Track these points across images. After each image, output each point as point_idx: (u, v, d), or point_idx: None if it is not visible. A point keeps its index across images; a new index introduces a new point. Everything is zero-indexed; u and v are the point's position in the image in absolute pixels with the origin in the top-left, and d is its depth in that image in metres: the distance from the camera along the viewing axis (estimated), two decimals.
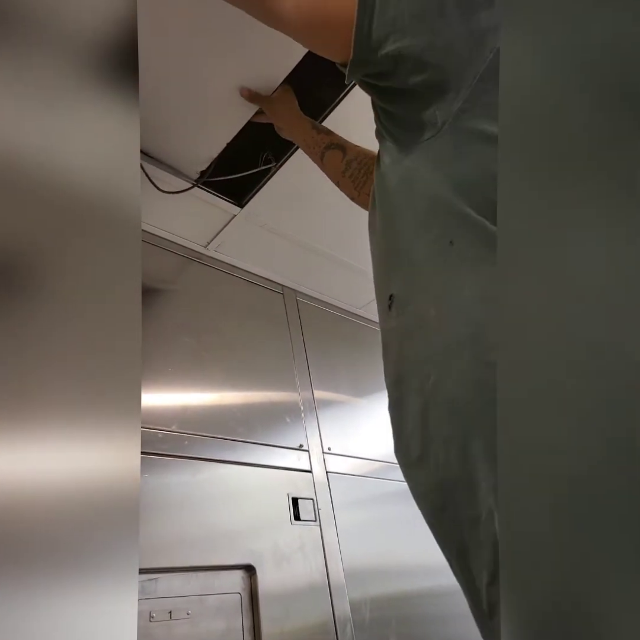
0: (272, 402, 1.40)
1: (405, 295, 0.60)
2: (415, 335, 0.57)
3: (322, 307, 1.81)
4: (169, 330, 1.27)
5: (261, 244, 1.53)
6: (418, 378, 0.56)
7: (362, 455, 1.53)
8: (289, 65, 1.06)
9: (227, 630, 0.97)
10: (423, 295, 0.57)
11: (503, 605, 0.27)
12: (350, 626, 1.17)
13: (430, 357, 0.55)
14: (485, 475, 0.47)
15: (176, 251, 1.43)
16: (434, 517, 0.55)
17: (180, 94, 1.09)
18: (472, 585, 0.50)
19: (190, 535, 1.01)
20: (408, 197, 0.61)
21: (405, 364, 0.59)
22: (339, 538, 1.27)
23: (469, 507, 0.49)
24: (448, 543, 0.54)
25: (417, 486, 0.58)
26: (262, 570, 1.07)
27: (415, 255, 0.59)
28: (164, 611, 0.90)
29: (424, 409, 0.55)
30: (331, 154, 0.98)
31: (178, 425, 1.14)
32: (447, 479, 0.52)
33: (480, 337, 0.50)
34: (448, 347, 0.53)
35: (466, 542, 0.50)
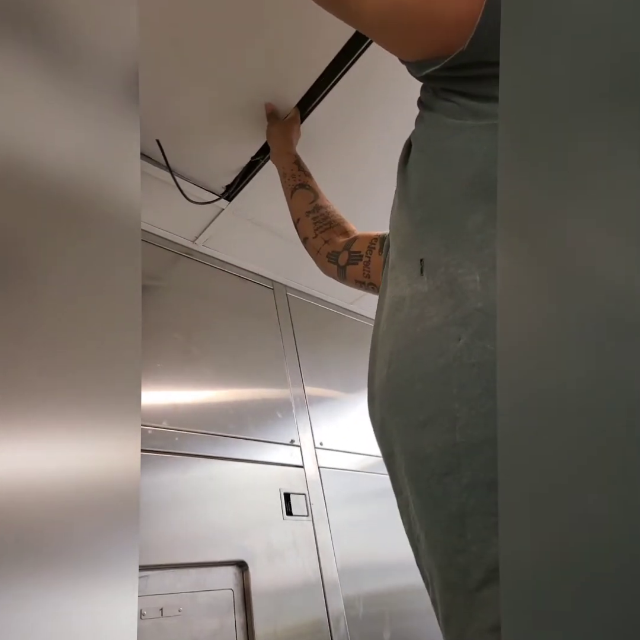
0: (263, 398, 1.39)
1: (439, 260, 0.60)
2: (446, 298, 0.57)
3: (313, 302, 1.80)
4: (158, 326, 1.25)
5: (250, 238, 1.52)
6: (441, 340, 0.56)
7: (354, 450, 1.53)
8: (300, 92, 1.14)
9: (219, 627, 0.96)
10: (465, 262, 0.57)
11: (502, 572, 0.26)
12: (344, 622, 1.16)
13: (464, 318, 0.54)
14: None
15: (163, 246, 1.41)
16: (429, 482, 0.54)
17: (207, 113, 1.16)
18: (457, 556, 0.49)
19: (181, 531, 1.00)
20: (464, 170, 0.62)
21: (426, 327, 0.58)
22: (331, 533, 1.27)
23: (490, 470, 0.48)
24: (437, 510, 0.53)
25: (416, 449, 0.56)
26: (255, 566, 1.06)
27: (464, 225, 0.59)
28: (155, 608, 0.88)
29: (445, 369, 0.54)
30: (303, 193, 1.08)
31: (168, 422, 1.12)
32: (467, 440, 0.51)
33: None
34: (490, 310, 0.52)
35: (470, 508, 0.49)
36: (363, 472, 1.51)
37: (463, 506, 0.50)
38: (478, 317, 0.53)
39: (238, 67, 1.05)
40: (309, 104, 1.16)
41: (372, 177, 1.36)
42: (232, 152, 1.26)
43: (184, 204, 1.23)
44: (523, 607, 0.25)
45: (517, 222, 0.30)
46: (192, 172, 1.29)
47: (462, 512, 0.50)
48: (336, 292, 1.83)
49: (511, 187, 0.30)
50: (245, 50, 1.01)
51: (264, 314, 1.59)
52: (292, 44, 1.02)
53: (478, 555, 0.48)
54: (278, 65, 1.06)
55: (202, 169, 1.29)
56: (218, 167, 1.30)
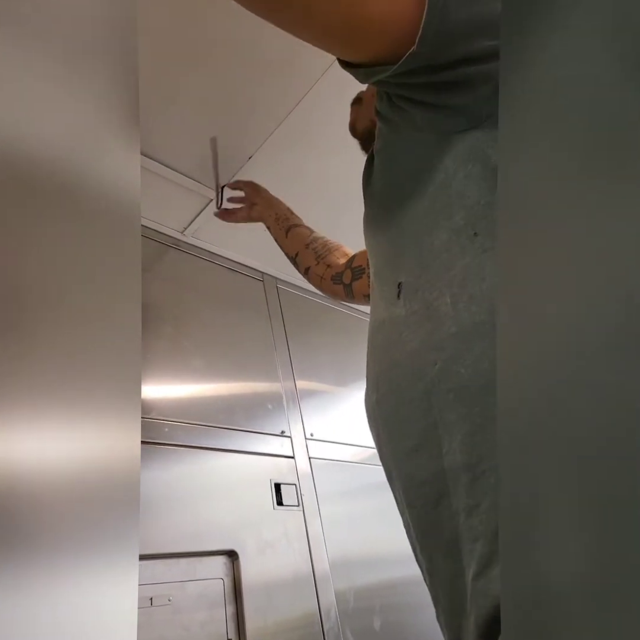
0: (254, 389, 1.39)
1: (415, 283, 0.59)
2: (422, 322, 0.56)
3: (303, 294, 1.80)
4: (147, 318, 1.24)
5: (239, 229, 1.51)
6: (419, 364, 0.55)
7: (345, 441, 1.53)
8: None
9: (209, 616, 0.96)
10: (437, 283, 0.56)
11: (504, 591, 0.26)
12: (335, 613, 1.16)
13: (438, 343, 0.53)
14: (493, 464, 0.46)
15: (152, 237, 1.40)
16: (425, 508, 0.54)
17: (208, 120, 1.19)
18: (456, 581, 0.49)
19: (171, 521, 0.99)
20: (426, 185, 0.60)
21: (405, 351, 0.58)
22: (322, 523, 1.27)
23: (468, 496, 0.48)
24: (435, 536, 0.53)
25: (409, 476, 0.56)
26: (245, 555, 1.06)
27: (432, 243, 0.58)
28: (145, 598, 0.88)
29: (425, 395, 0.54)
30: (299, 230, 1.16)
31: (157, 412, 1.12)
32: (449, 467, 0.50)
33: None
34: (462, 334, 0.52)
35: (459, 532, 0.49)
36: (354, 463, 1.51)
37: (455, 531, 0.50)
38: (451, 341, 0.52)
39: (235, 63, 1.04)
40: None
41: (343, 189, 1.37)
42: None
43: (172, 194, 1.22)
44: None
45: (516, 224, 0.30)
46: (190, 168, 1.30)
47: (456, 537, 0.50)
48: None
49: (511, 186, 0.30)
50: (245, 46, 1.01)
51: (254, 306, 1.58)
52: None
53: (467, 580, 0.48)
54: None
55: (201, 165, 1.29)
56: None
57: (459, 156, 0.58)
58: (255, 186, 1.27)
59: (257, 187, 1.27)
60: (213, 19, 0.97)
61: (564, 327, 0.25)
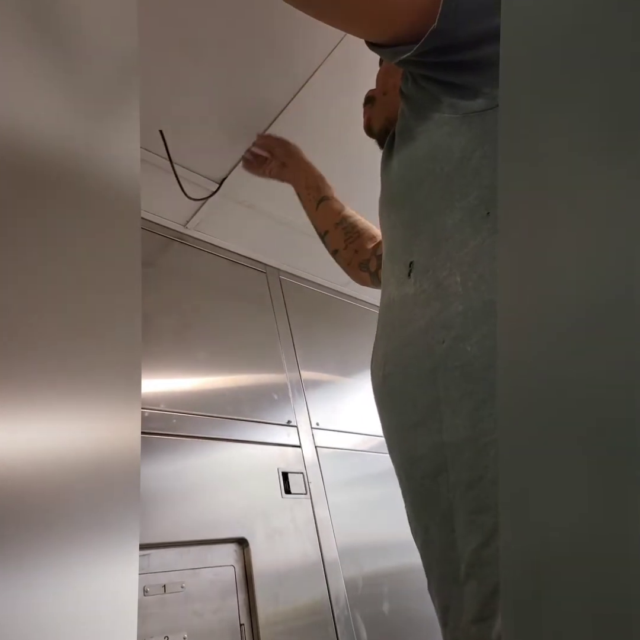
0: (259, 380, 1.40)
1: (426, 262, 0.60)
2: (432, 301, 0.57)
3: (306, 285, 1.80)
4: (151, 311, 1.25)
5: (242, 221, 1.51)
6: (428, 342, 0.56)
7: (351, 430, 1.54)
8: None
9: (222, 602, 0.97)
10: (448, 262, 0.57)
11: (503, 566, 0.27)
12: (345, 598, 1.18)
13: (447, 321, 0.54)
14: (494, 439, 0.47)
15: (155, 231, 1.41)
16: (423, 481, 0.56)
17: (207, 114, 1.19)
18: (449, 551, 0.51)
19: (182, 510, 1.01)
20: (443, 164, 0.61)
21: (414, 329, 0.59)
22: (330, 511, 1.28)
23: (470, 469, 0.49)
24: (431, 508, 0.54)
25: (410, 450, 0.58)
26: (255, 543, 1.07)
27: (445, 223, 0.59)
28: (158, 585, 0.90)
29: (433, 371, 0.55)
30: (330, 204, 1.08)
31: (166, 404, 1.13)
32: (451, 441, 0.52)
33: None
34: (470, 313, 0.52)
35: (455, 505, 0.51)
36: (360, 451, 1.52)
37: (451, 504, 0.52)
38: (460, 320, 0.53)
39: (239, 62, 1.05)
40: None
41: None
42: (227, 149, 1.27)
43: (175, 188, 1.22)
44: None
45: (517, 220, 0.30)
46: (189, 162, 1.30)
47: (451, 509, 0.52)
48: (329, 275, 1.83)
49: (511, 186, 0.30)
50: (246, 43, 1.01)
51: (257, 297, 1.59)
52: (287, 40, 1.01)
53: (462, 550, 0.50)
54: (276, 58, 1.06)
55: (200, 160, 1.30)
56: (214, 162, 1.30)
57: (477, 136, 0.59)
58: (286, 145, 1.17)
59: (288, 146, 1.17)
60: (214, 6, 0.97)
61: (563, 307, 0.26)
